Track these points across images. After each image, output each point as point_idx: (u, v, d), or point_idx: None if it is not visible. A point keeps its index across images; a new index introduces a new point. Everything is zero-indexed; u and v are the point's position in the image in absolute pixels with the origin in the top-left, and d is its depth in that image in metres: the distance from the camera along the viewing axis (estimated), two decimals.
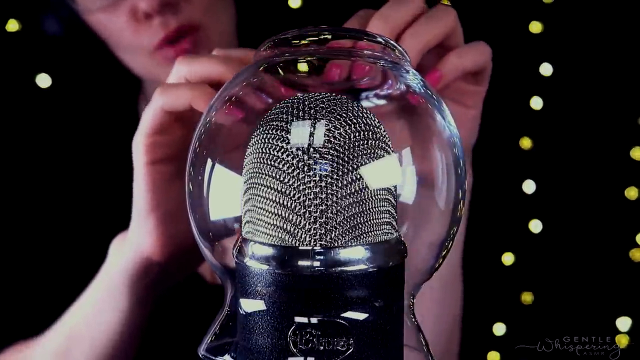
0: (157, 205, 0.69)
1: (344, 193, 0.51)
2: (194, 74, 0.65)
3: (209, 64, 0.65)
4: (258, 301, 0.51)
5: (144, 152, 0.67)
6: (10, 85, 1.13)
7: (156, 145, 0.67)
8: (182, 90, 0.64)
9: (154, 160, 0.68)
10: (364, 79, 0.57)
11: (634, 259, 1.26)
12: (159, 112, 0.66)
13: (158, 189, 0.68)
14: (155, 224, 0.69)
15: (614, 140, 1.27)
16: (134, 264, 0.72)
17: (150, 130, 0.67)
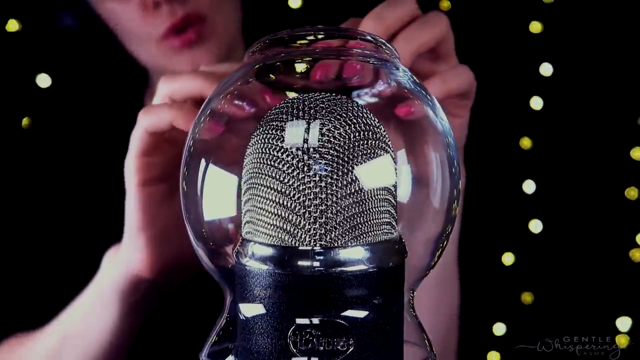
0: (148, 225, 0.69)
1: (344, 193, 0.51)
2: (178, 91, 0.66)
3: (192, 80, 0.65)
4: (258, 302, 0.51)
5: (134, 174, 0.68)
6: (10, 85, 1.13)
7: (145, 166, 0.68)
8: (162, 110, 0.65)
9: (144, 181, 0.68)
10: (354, 77, 0.57)
11: (634, 259, 1.26)
12: (143, 134, 0.67)
13: (148, 209, 0.69)
14: (146, 243, 0.70)
15: (614, 140, 1.27)
16: (124, 280, 0.73)
17: (138, 152, 0.68)
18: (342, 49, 0.56)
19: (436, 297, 0.85)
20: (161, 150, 0.68)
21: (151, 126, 0.66)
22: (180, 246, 0.71)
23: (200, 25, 0.93)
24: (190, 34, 0.92)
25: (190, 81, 0.65)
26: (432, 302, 0.84)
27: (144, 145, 0.67)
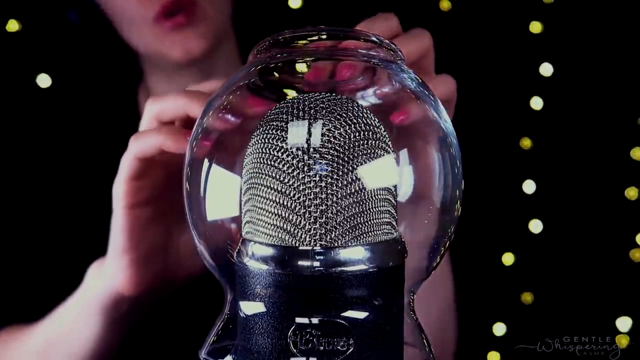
0: (132, 247, 0.70)
1: (344, 193, 0.51)
2: (165, 112, 0.67)
3: (178, 100, 0.66)
4: (258, 302, 0.51)
5: (122, 197, 0.69)
6: (10, 85, 1.13)
7: (133, 190, 0.68)
8: (149, 136, 0.66)
9: (132, 204, 0.69)
10: (351, 80, 0.57)
11: (634, 259, 1.26)
12: (132, 160, 0.67)
13: (134, 232, 0.69)
14: (129, 264, 0.70)
15: (614, 140, 1.27)
16: (107, 297, 0.74)
17: (127, 177, 0.68)
18: (346, 50, 0.56)
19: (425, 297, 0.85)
20: (150, 174, 0.69)
21: (140, 152, 0.67)
22: (165, 267, 0.72)
23: (191, 9, 0.94)
24: (180, 17, 0.94)
25: (176, 101, 0.66)
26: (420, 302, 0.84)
27: (133, 170, 0.68)
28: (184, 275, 0.74)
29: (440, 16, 1.26)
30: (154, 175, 0.68)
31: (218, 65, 1.04)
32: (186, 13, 0.94)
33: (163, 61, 1.00)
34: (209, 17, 0.96)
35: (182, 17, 0.94)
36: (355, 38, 0.57)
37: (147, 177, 0.68)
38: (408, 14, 1.27)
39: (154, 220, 0.70)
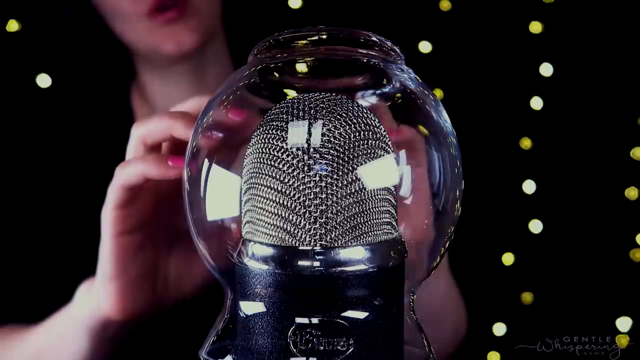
0: (120, 274, 0.70)
1: (344, 193, 0.51)
2: (150, 135, 0.67)
3: (162, 122, 0.66)
4: (258, 302, 0.51)
5: (110, 225, 0.69)
6: (10, 85, 1.13)
7: (121, 218, 0.69)
8: (133, 165, 0.66)
9: (119, 232, 0.69)
10: (358, 78, 0.57)
11: (634, 259, 1.26)
12: (118, 189, 0.68)
13: (122, 259, 0.70)
14: (116, 290, 0.71)
15: (614, 140, 1.27)
16: (95, 320, 0.74)
17: (113, 205, 0.68)
18: (347, 50, 0.56)
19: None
20: (137, 201, 0.69)
21: (125, 181, 0.67)
22: (153, 292, 0.72)
23: (182, 4, 0.96)
24: (172, 12, 0.96)
25: (160, 123, 0.66)
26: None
27: (119, 199, 0.68)
28: (172, 300, 0.74)
29: (440, 16, 1.26)
30: (141, 203, 0.69)
31: (208, 63, 1.06)
32: (178, 8, 0.96)
33: (156, 56, 1.02)
34: (199, 11, 0.98)
35: (174, 12, 0.96)
36: (355, 38, 0.57)
37: (134, 204, 0.69)
38: (408, 14, 1.27)
39: (142, 246, 0.70)
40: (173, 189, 0.69)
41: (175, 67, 1.04)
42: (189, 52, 0.99)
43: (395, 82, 0.57)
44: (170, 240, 0.73)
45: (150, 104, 1.09)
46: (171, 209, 0.71)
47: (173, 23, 0.96)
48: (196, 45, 0.98)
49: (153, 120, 0.67)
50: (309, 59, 0.56)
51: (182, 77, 1.05)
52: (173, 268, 0.73)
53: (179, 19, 0.96)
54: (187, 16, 0.97)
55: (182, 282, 0.73)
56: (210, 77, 1.07)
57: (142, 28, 0.98)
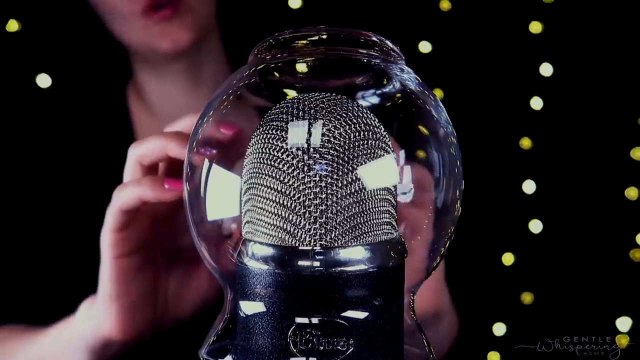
0: (120, 295, 0.71)
1: (344, 193, 0.51)
2: (146, 156, 0.68)
3: (156, 143, 0.67)
4: (258, 302, 0.51)
5: (109, 248, 0.70)
6: (10, 85, 1.13)
7: (119, 241, 0.69)
8: (129, 188, 0.67)
9: (119, 255, 0.70)
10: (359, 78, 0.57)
11: (634, 259, 1.26)
12: (116, 213, 0.68)
13: (121, 281, 0.70)
14: (117, 312, 0.71)
15: (614, 140, 1.27)
16: (95, 339, 0.75)
17: (112, 228, 0.69)
18: (347, 50, 0.56)
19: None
20: (135, 223, 0.69)
21: (123, 205, 0.68)
22: (153, 312, 0.72)
23: (177, 2, 0.98)
24: (167, 10, 0.98)
25: (155, 144, 0.67)
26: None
27: (117, 222, 0.69)
28: (171, 320, 0.75)
29: (440, 16, 1.26)
30: (139, 225, 0.70)
31: (204, 61, 1.07)
32: (172, 6, 0.98)
33: (152, 54, 1.03)
34: (193, 9, 1.00)
35: (169, 10, 0.98)
36: (355, 38, 0.57)
37: (132, 227, 0.69)
38: (408, 14, 1.27)
39: (141, 268, 0.71)
40: (170, 209, 0.70)
41: (171, 66, 1.05)
42: (184, 49, 1.00)
43: (395, 82, 0.57)
44: (169, 261, 0.74)
45: (146, 103, 1.09)
46: (169, 229, 0.72)
47: (168, 21, 0.98)
48: (191, 43, 1.00)
49: (148, 141, 0.67)
50: (309, 59, 0.56)
51: (178, 76, 1.06)
52: (172, 288, 0.74)
53: (173, 17, 0.98)
54: (181, 14, 0.99)
55: (181, 302, 0.74)
56: (206, 75, 1.08)
57: (138, 27, 1.00)
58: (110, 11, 1.01)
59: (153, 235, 0.70)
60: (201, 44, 1.04)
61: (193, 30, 1.00)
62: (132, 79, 1.10)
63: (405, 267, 0.54)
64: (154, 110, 1.09)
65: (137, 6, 0.98)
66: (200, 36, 1.02)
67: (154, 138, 0.67)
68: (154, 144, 0.67)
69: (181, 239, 0.73)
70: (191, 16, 1.00)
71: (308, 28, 0.57)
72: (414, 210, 0.61)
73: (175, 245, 0.73)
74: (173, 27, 0.99)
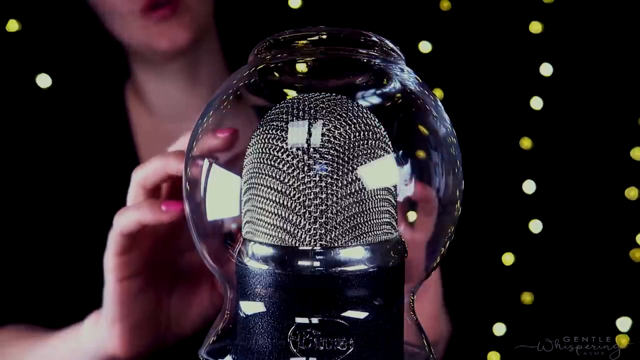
0: (124, 316, 0.72)
1: (344, 193, 0.51)
2: (148, 179, 0.68)
3: (156, 164, 0.67)
4: (258, 302, 0.51)
5: (112, 271, 0.70)
6: (10, 85, 1.13)
7: (122, 264, 0.70)
8: (129, 212, 0.68)
9: (121, 278, 0.70)
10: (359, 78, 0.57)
11: (634, 259, 1.26)
12: (118, 236, 0.69)
13: (125, 302, 0.71)
14: (120, 333, 0.72)
15: (614, 140, 1.27)
16: (99, 355, 0.75)
17: (114, 252, 0.70)
18: (347, 50, 0.56)
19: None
20: (137, 247, 0.70)
21: (124, 229, 0.68)
22: (156, 331, 0.73)
23: (175, 2, 1.00)
24: (165, 9, 0.99)
25: (155, 165, 0.67)
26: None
27: (119, 246, 0.69)
28: (173, 337, 0.76)
29: (440, 16, 1.26)
30: (141, 247, 0.70)
31: (202, 61, 1.08)
32: (170, 5, 0.99)
33: (150, 53, 1.04)
34: (192, 9, 1.01)
35: (167, 9, 0.99)
36: (355, 38, 0.57)
37: (134, 250, 0.70)
38: (408, 14, 1.27)
39: (143, 289, 0.71)
40: (171, 231, 0.71)
41: (169, 65, 1.06)
42: (182, 49, 1.01)
43: (395, 82, 0.57)
44: (171, 281, 0.74)
45: (145, 102, 1.10)
46: (170, 250, 0.73)
47: (166, 20, 0.99)
48: (189, 42, 1.01)
49: (148, 164, 0.68)
50: (309, 59, 0.56)
51: (176, 75, 1.07)
52: (174, 308, 0.74)
53: (171, 17, 0.99)
54: (179, 14, 1.00)
55: (184, 321, 0.75)
56: (204, 75, 1.08)
57: (137, 26, 1.00)
58: (109, 11, 1.02)
59: (155, 257, 0.71)
60: (199, 44, 1.04)
61: (191, 30, 1.01)
62: (131, 78, 1.11)
63: (405, 267, 0.54)
64: (152, 109, 1.10)
65: (135, 5, 0.99)
66: (198, 36, 1.03)
67: (153, 160, 0.68)
68: (154, 165, 0.67)
69: (182, 259, 0.74)
70: (189, 16, 1.01)
71: (308, 28, 0.57)
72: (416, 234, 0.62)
73: (177, 266, 0.74)
74: (171, 27, 1.00)
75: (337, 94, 0.53)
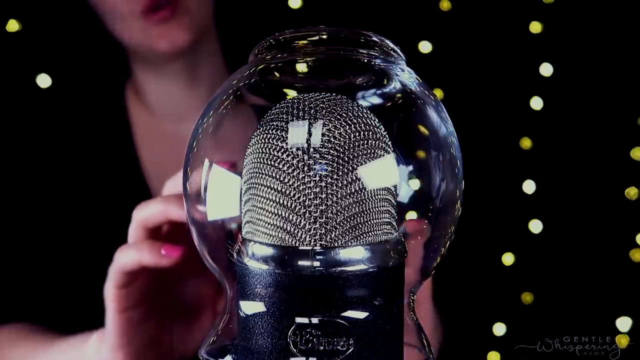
0: (125, 345, 0.72)
1: (344, 193, 0.51)
2: (149, 220, 0.68)
3: (158, 208, 0.68)
4: (258, 302, 0.51)
5: (112, 302, 0.70)
6: (10, 85, 1.13)
7: (123, 296, 0.70)
8: (129, 251, 0.68)
9: (122, 309, 0.71)
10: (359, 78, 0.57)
11: (634, 259, 1.26)
12: (117, 272, 0.69)
13: (126, 332, 0.71)
14: (124, 358, 0.72)
15: (614, 140, 1.27)
16: None
17: (114, 285, 0.70)
18: (347, 50, 0.56)
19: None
20: (137, 280, 0.70)
21: (124, 267, 0.69)
22: (158, 358, 0.73)
23: (175, 3, 1.00)
24: (165, 11, 1.00)
25: (156, 209, 0.68)
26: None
27: (120, 280, 0.69)
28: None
29: (440, 16, 1.26)
30: (141, 281, 0.70)
31: (201, 62, 1.08)
32: (170, 7, 1.00)
33: (150, 54, 1.04)
34: (191, 11, 1.02)
35: (167, 11, 1.00)
36: (355, 38, 0.57)
37: (134, 283, 0.70)
38: (408, 14, 1.27)
39: (144, 319, 0.72)
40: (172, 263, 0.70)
41: (169, 66, 1.06)
42: (182, 50, 1.02)
43: (395, 82, 0.57)
44: (173, 308, 0.74)
45: (144, 102, 1.10)
46: (172, 280, 0.72)
47: (166, 22, 1.00)
48: (188, 44, 1.02)
49: (151, 205, 0.68)
50: (309, 59, 0.56)
51: (176, 76, 1.07)
52: (177, 334, 0.74)
53: (171, 18, 1.00)
54: (179, 15, 1.01)
55: (186, 347, 0.75)
56: (204, 76, 1.09)
57: (137, 27, 1.01)
58: (109, 11, 1.03)
59: (156, 288, 0.71)
60: (199, 45, 1.05)
61: (191, 31, 1.01)
62: (131, 78, 1.11)
63: (405, 267, 0.54)
64: (152, 109, 1.10)
65: (136, 7, 0.99)
66: (198, 37, 1.03)
67: (154, 202, 0.68)
68: (156, 208, 0.68)
69: (184, 287, 0.73)
70: (189, 17, 1.01)
71: (308, 28, 0.57)
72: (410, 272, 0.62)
73: (179, 293, 0.74)
74: (171, 28, 1.00)
75: (337, 94, 0.53)
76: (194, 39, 1.02)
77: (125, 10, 1.00)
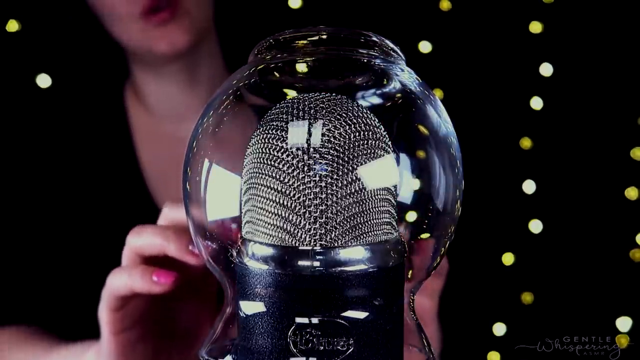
0: None
1: (344, 193, 0.51)
2: (145, 250, 0.68)
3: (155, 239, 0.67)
4: (258, 302, 0.51)
5: (106, 325, 0.70)
6: (10, 85, 1.14)
7: (116, 319, 0.70)
8: (121, 276, 0.68)
9: (116, 331, 0.70)
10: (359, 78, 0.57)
11: (634, 259, 1.26)
12: (111, 295, 0.69)
13: (122, 353, 0.71)
14: None
15: (614, 140, 1.27)
16: None
17: (108, 308, 0.70)
18: (347, 50, 0.56)
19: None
20: (130, 303, 0.70)
21: (117, 291, 0.68)
22: None
23: (174, 5, 1.00)
24: (165, 13, 1.00)
25: (154, 240, 0.67)
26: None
27: (112, 304, 0.69)
28: None
29: (440, 16, 1.26)
30: (135, 303, 0.70)
31: (201, 63, 1.09)
32: (170, 9, 1.00)
33: (150, 56, 1.04)
34: (191, 13, 1.02)
35: (167, 12, 1.00)
36: (355, 38, 0.57)
37: (127, 306, 0.70)
38: (408, 14, 1.27)
39: (141, 340, 0.71)
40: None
41: (168, 67, 1.06)
42: (181, 52, 1.02)
43: (395, 82, 0.57)
44: (171, 327, 0.73)
45: (144, 103, 1.10)
46: (168, 302, 0.72)
47: (166, 24, 1.00)
48: (188, 45, 1.02)
49: (148, 234, 0.67)
50: (309, 59, 0.56)
51: (175, 76, 1.07)
52: (176, 351, 0.74)
53: (171, 20, 1.00)
54: (179, 17, 1.00)
55: None
56: (203, 76, 1.09)
57: (137, 29, 1.01)
58: (108, 13, 1.03)
59: (151, 310, 0.71)
60: (199, 46, 1.05)
61: (190, 33, 1.01)
62: (130, 79, 1.11)
63: (405, 267, 0.54)
64: (151, 109, 1.10)
65: (135, 8, 0.99)
66: (198, 39, 1.03)
67: (153, 233, 0.67)
68: (153, 240, 0.67)
69: (181, 310, 0.73)
70: (188, 19, 1.01)
71: (308, 28, 0.57)
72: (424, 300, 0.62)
73: (176, 316, 0.73)
74: (171, 30, 1.00)
75: (337, 94, 0.53)
76: (193, 41, 1.02)
77: (124, 12, 1.00)
